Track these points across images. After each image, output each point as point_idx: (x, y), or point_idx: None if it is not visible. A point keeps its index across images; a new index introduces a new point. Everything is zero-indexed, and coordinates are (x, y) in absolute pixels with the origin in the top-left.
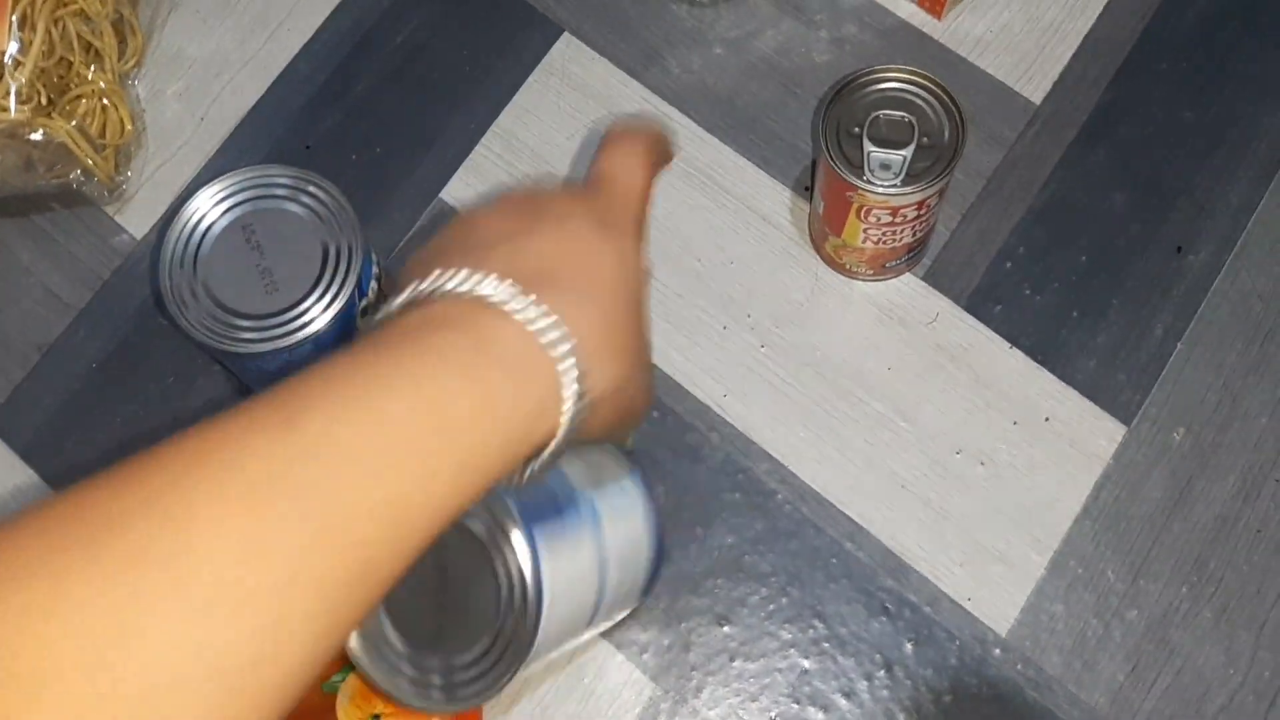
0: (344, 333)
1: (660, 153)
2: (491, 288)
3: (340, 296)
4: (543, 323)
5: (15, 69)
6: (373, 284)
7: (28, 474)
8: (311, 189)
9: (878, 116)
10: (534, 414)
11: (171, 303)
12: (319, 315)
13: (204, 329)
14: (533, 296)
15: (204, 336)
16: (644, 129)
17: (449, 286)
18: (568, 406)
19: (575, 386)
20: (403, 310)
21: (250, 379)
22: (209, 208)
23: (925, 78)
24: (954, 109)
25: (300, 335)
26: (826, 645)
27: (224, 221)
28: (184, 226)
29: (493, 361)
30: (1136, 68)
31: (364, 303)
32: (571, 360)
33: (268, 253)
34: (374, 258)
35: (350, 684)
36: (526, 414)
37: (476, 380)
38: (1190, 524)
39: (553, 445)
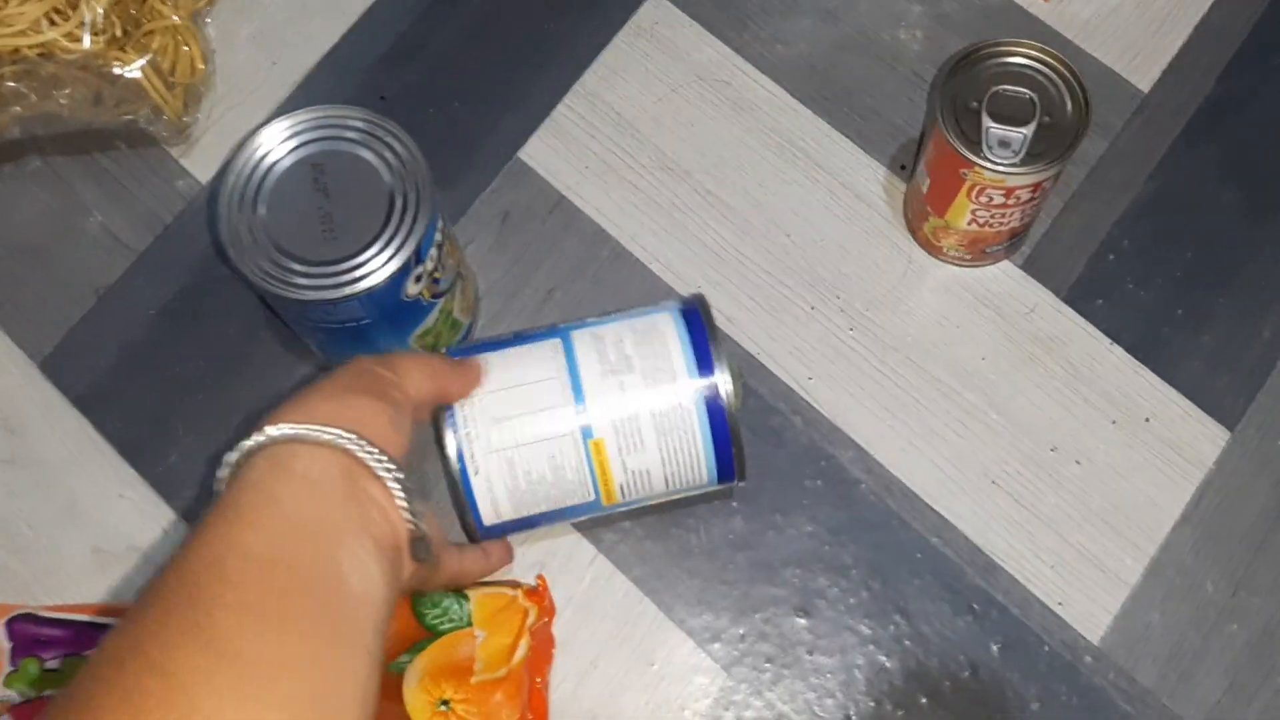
0: (395, 295)
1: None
2: (323, 434)
3: (400, 254)
4: (377, 461)
5: (92, 1)
6: (433, 250)
7: (80, 421)
8: (386, 138)
9: (998, 91)
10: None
11: (228, 244)
12: (376, 270)
13: (259, 270)
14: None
15: (257, 278)
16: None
17: (295, 435)
18: (410, 522)
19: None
20: (248, 455)
21: (301, 328)
22: (276, 144)
23: (1051, 54)
24: (1079, 89)
25: (352, 289)
26: (908, 643)
27: (290, 160)
28: (247, 162)
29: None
30: (1249, 60)
31: (420, 268)
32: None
33: (333, 197)
34: (440, 222)
35: (418, 664)
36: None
37: (326, 516)
38: None
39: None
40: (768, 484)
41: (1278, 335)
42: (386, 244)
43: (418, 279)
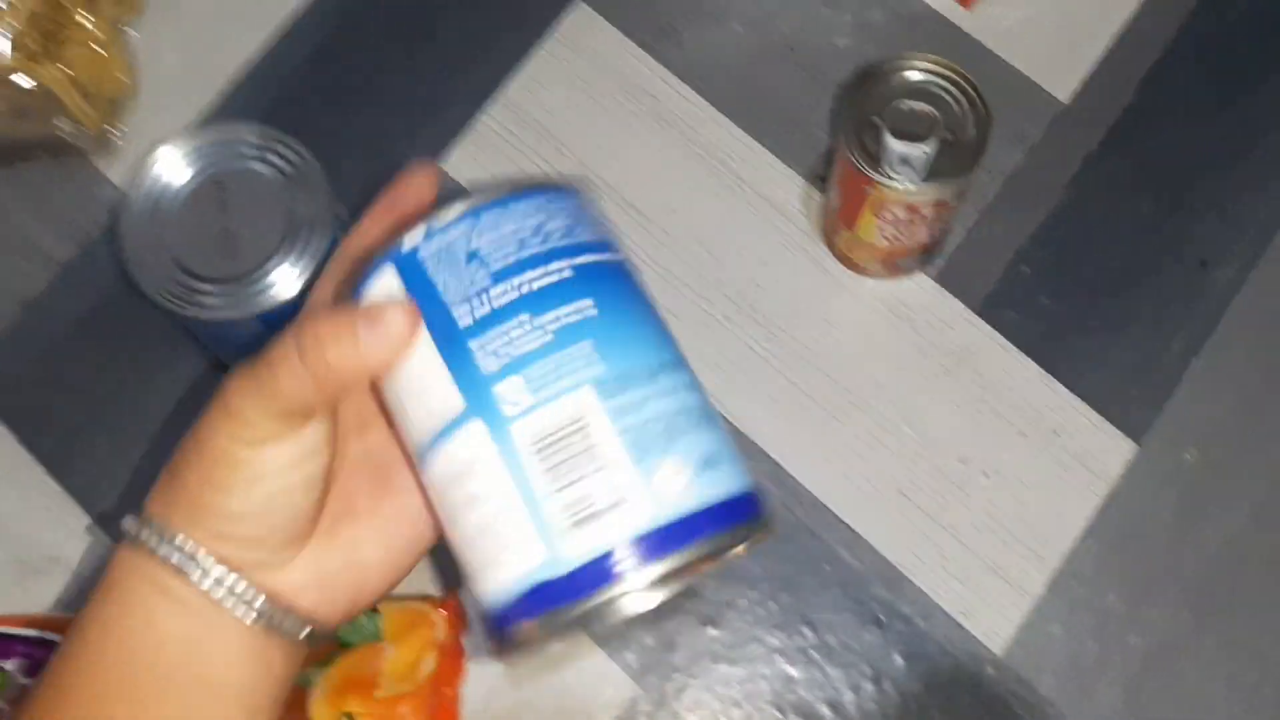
0: (299, 309)
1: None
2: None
3: (302, 268)
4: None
5: (9, 12)
6: None
7: (2, 433)
8: (280, 149)
9: (899, 107)
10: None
11: (132, 264)
12: (278, 285)
13: (164, 292)
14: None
15: (164, 300)
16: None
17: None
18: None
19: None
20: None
21: (219, 349)
22: (173, 167)
23: (952, 69)
24: (980, 105)
25: (257, 305)
26: (814, 653)
27: (188, 181)
28: (146, 186)
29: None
30: (1169, 71)
31: None
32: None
33: (233, 214)
34: (343, 231)
35: (324, 679)
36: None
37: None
38: (1199, 549)
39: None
40: None
41: (1187, 348)
42: (289, 254)
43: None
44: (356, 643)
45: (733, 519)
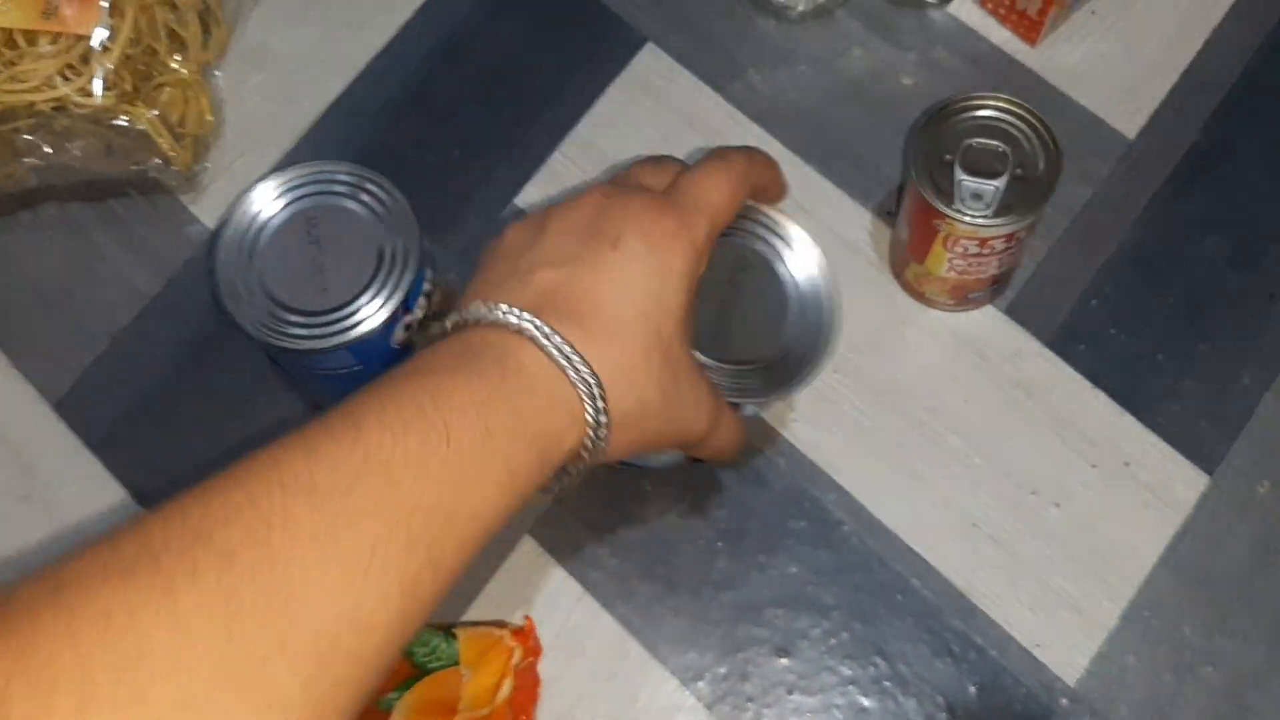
0: (385, 342)
1: (759, 184)
2: (521, 321)
3: (389, 303)
4: (564, 357)
5: (103, 55)
6: (421, 299)
7: (92, 463)
8: (371, 188)
9: (971, 144)
10: (561, 433)
11: (226, 296)
12: (368, 317)
13: (256, 323)
14: (559, 335)
15: (255, 331)
16: (746, 157)
17: (488, 317)
18: (590, 429)
19: (594, 413)
20: (454, 330)
21: (302, 377)
22: (267, 202)
23: (1022, 107)
24: (1050, 141)
25: (343, 338)
26: (888, 684)
27: (283, 216)
28: (241, 220)
29: (524, 387)
30: (1236, 107)
31: (409, 317)
32: (591, 387)
33: (325, 250)
34: (430, 267)
35: (405, 702)
36: (555, 434)
37: (511, 402)
38: (1273, 581)
39: (582, 463)
40: (751, 525)
41: (1257, 381)
42: (378, 291)
43: (406, 327)
44: (435, 667)
45: None
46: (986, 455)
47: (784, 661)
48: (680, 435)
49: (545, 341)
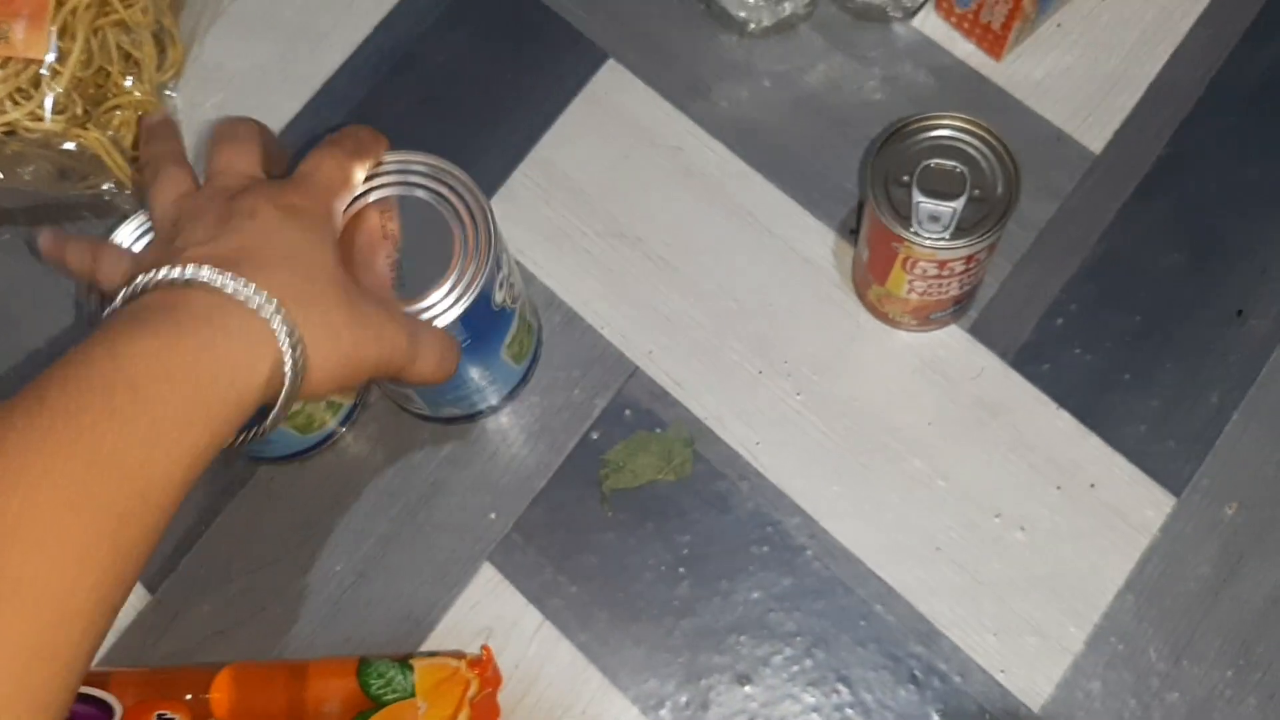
0: (487, 306)
1: (363, 153)
2: (199, 273)
3: (486, 263)
4: (247, 292)
5: (53, 78)
6: (504, 253)
7: None
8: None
9: (928, 165)
10: (251, 365)
11: None
12: (466, 289)
13: None
14: (231, 273)
15: None
16: (353, 138)
17: (164, 278)
18: (287, 358)
19: (288, 342)
20: (130, 301)
21: None
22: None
23: (981, 127)
24: (1009, 162)
25: (451, 315)
26: (850, 711)
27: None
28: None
29: (216, 330)
30: (1201, 120)
31: (501, 274)
32: (280, 318)
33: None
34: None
35: None
36: (246, 366)
37: (193, 341)
38: (1239, 604)
39: (284, 391)
40: (714, 550)
41: (1226, 400)
42: (465, 261)
43: (500, 285)
44: (391, 699)
45: None
46: (949, 477)
47: (746, 689)
48: (383, 357)
49: (217, 280)
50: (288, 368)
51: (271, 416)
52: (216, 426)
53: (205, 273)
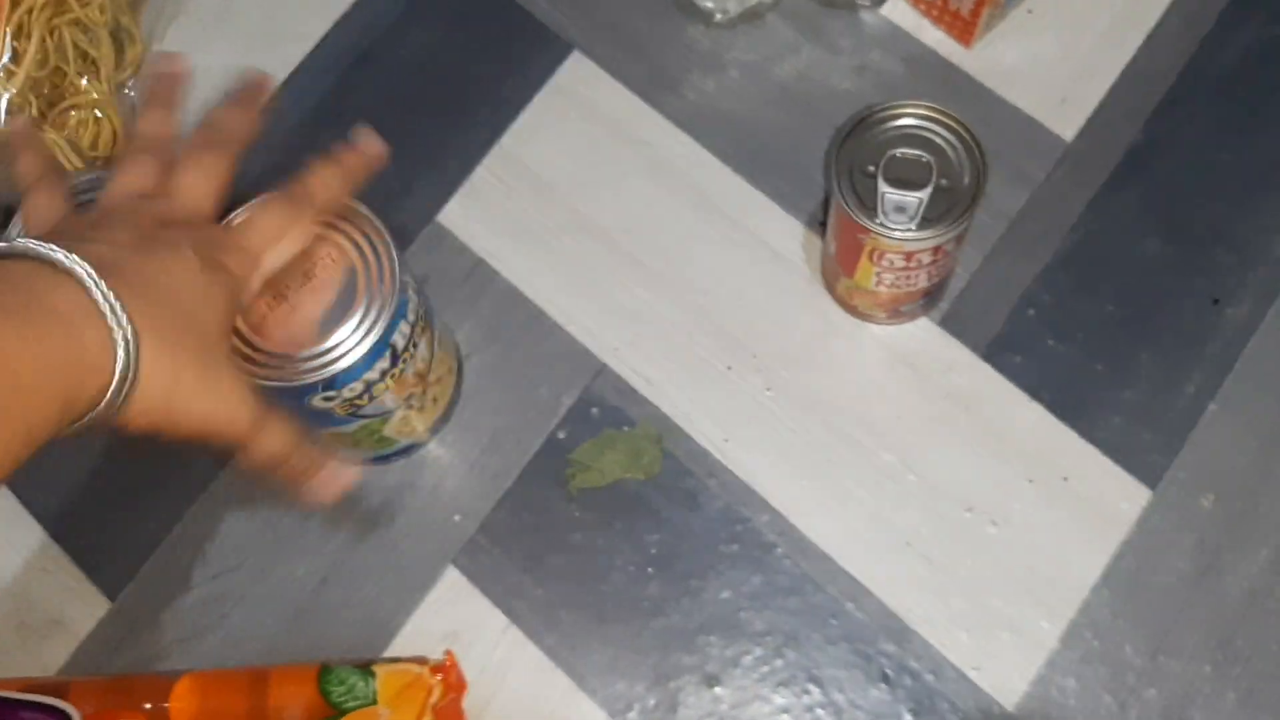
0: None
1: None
2: (72, 263)
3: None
4: (105, 300)
5: (7, 79)
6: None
7: (5, 496)
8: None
9: (894, 155)
10: (82, 380)
11: None
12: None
13: None
14: (106, 283)
15: None
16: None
17: (44, 254)
18: (117, 380)
19: (125, 361)
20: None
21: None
22: None
23: (948, 115)
24: (976, 150)
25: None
26: (821, 712)
27: None
28: None
29: (57, 325)
30: (1175, 106)
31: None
32: (124, 332)
33: None
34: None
35: None
36: (77, 380)
37: (36, 330)
38: (1217, 598)
39: (100, 408)
40: (683, 549)
41: (1202, 390)
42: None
43: (327, 399)
44: (352, 707)
45: None
46: (920, 472)
47: (716, 691)
48: (219, 424)
49: (90, 281)
50: (108, 400)
51: (86, 420)
52: (33, 418)
53: (81, 271)
